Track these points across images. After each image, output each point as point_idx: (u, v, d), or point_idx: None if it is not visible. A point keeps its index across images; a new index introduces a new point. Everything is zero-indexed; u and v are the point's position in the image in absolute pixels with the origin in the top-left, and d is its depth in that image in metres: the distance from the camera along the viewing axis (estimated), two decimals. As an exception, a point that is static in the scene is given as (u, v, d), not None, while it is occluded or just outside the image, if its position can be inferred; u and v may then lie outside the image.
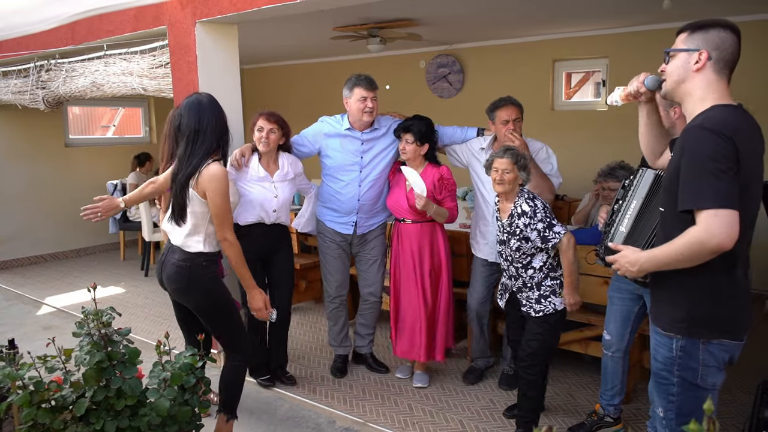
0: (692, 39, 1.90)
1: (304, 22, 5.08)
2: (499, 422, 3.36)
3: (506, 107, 3.45)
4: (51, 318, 5.42)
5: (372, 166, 3.69)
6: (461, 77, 6.98)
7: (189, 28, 3.87)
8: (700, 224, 1.75)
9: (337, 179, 3.71)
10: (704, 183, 1.75)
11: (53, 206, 7.45)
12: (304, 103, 8.23)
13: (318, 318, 5.06)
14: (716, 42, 1.87)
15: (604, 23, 5.67)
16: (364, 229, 3.79)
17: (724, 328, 1.88)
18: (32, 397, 2.15)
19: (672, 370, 1.93)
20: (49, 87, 5.14)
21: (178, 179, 2.76)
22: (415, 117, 3.60)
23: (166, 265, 2.86)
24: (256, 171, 3.53)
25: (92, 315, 2.23)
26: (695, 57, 1.87)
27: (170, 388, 2.24)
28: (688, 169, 1.79)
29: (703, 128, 1.79)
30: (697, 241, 1.75)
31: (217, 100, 2.85)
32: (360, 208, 3.72)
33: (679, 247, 1.80)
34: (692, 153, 1.79)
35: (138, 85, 4.28)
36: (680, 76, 1.91)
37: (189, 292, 2.86)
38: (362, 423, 3.39)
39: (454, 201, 3.59)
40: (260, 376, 3.83)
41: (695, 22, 1.91)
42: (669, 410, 1.97)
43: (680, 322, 1.90)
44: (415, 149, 3.53)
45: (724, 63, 1.88)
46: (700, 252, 1.76)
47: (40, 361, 2.23)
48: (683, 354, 1.90)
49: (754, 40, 5.19)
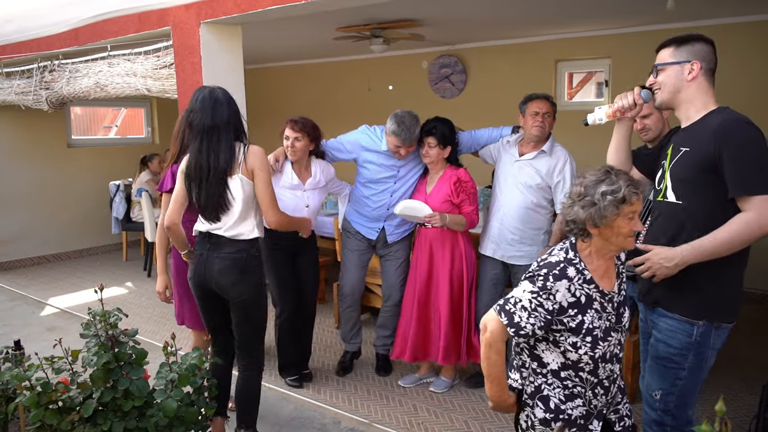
0: (680, 52, 2.08)
1: (308, 22, 5.09)
2: (504, 422, 3.37)
3: (539, 100, 3.41)
4: (55, 319, 5.43)
5: (406, 179, 3.69)
6: (464, 77, 6.98)
7: (193, 28, 3.88)
8: (753, 209, 1.89)
9: (370, 187, 3.71)
10: (755, 171, 1.91)
11: (56, 207, 7.46)
12: (308, 104, 8.23)
13: (322, 318, 5.06)
14: (702, 54, 2.06)
15: (606, 23, 5.66)
16: (395, 236, 3.79)
17: (733, 313, 2.06)
18: (40, 398, 2.15)
19: (688, 355, 2.03)
20: (52, 88, 5.14)
21: (210, 172, 2.66)
22: (437, 119, 3.52)
23: (213, 262, 2.76)
24: (290, 178, 3.53)
25: (99, 316, 2.24)
26: (688, 68, 2.06)
27: (177, 389, 2.24)
28: (736, 159, 1.92)
29: (740, 121, 1.96)
30: (756, 224, 1.89)
31: (229, 93, 2.78)
32: (388, 216, 3.73)
33: (733, 233, 1.91)
34: (739, 144, 1.93)
35: (142, 86, 4.28)
36: (675, 86, 2.09)
37: (243, 284, 2.78)
38: (367, 423, 3.39)
39: (473, 205, 3.49)
40: (289, 375, 3.84)
41: (677, 38, 2.10)
42: (671, 393, 2.07)
43: (703, 306, 2.02)
44: (439, 152, 3.47)
45: (711, 72, 2.09)
46: (755, 236, 1.91)
47: (47, 363, 2.23)
48: (701, 339, 2.02)
49: (755, 40, 5.20)
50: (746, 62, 5.23)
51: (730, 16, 5.21)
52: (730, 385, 3.73)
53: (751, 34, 5.23)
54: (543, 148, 3.41)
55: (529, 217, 3.43)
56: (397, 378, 3.93)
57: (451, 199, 3.48)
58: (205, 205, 2.73)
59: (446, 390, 3.74)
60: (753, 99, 5.16)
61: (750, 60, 5.23)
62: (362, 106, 7.83)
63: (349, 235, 3.87)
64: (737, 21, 5.24)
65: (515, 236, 3.46)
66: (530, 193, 3.40)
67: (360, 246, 3.84)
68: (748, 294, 5.26)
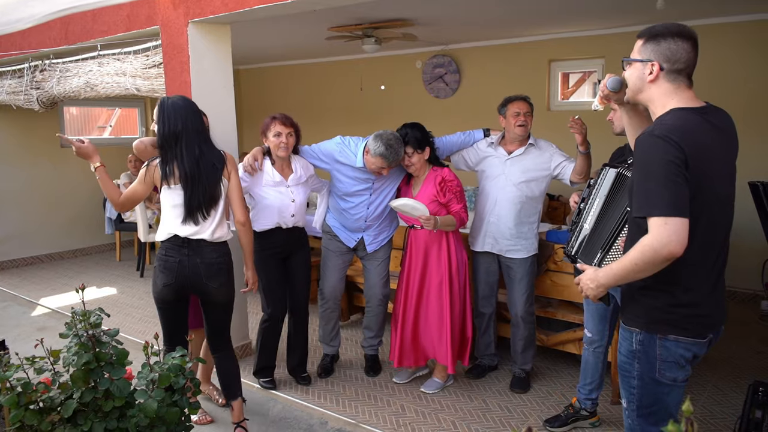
0: (645, 49, 1.91)
1: (299, 22, 5.08)
2: (492, 423, 3.36)
3: (518, 101, 3.57)
4: (46, 319, 5.42)
5: (381, 189, 3.67)
6: (457, 77, 6.97)
7: (181, 28, 3.87)
8: (651, 233, 1.76)
9: (346, 200, 3.69)
10: (652, 191, 1.76)
11: (49, 207, 7.44)
12: (301, 104, 8.23)
13: (312, 319, 5.04)
14: (667, 54, 1.87)
15: (600, 23, 5.66)
16: (374, 246, 3.78)
17: (682, 326, 1.89)
18: (20, 398, 2.14)
19: (633, 363, 1.96)
20: (43, 87, 5.13)
21: (205, 174, 2.84)
22: (405, 126, 3.54)
23: (197, 266, 2.89)
24: (271, 176, 3.50)
25: (80, 316, 2.23)
26: (648, 68, 1.89)
27: (158, 389, 2.23)
28: (638, 177, 1.82)
29: (652, 135, 1.80)
30: (650, 249, 1.75)
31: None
32: (367, 227, 3.73)
33: (633, 257, 1.80)
34: (641, 160, 1.81)
35: (131, 86, 4.27)
36: (636, 86, 1.95)
37: (227, 286, 3.01)
38: (354, 424, 3.38)
39: (461, 202, 3.51)
40: (264, 377, 3.82)
41: (649, 30, 1.92)
42: (631, 401, 2.01)
43: (639, 316, 1.94)
44: (420, 157, 3.49)
45: (677, 72, 1.88)
46: (654, 260, 1.76)
47: (27, 363, 2.22)
48: (641, 348, 1.94)
49: (753, 39, 5.20)
50: (747, 61, 5.23)
51: (723, 16, 5.21)
52: (718, 384, 3.73)
53: (742, 34, 5.23)
54: (530, 142, 3.59)
55: (524, 210, 3.57)
56: (386, 378, 3.92)
57: (438, 199, 3.47)
58: (195, 207, 2.82)
59: (437, 391, 3.74)
60: (754, 98, 5.18)
61: (750, 60, 5.23)
62: (354, 107, 7.83)
63: (330, 237, 3.86)
64: (731, 21, 5.24)
65: (513, 231, 3.57)
66: (524, 188, 3.55)
67: (341, 248, 3.83)
68: (737, 294, 5.29)
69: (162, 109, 2.84)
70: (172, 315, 3.03)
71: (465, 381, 3.86)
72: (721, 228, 1.92)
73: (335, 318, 3.98)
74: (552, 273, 3.87)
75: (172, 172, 2.82)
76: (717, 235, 1.90)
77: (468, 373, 3.90)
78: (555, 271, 3.85)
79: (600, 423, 3.32)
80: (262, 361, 3.79)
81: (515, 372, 3.78)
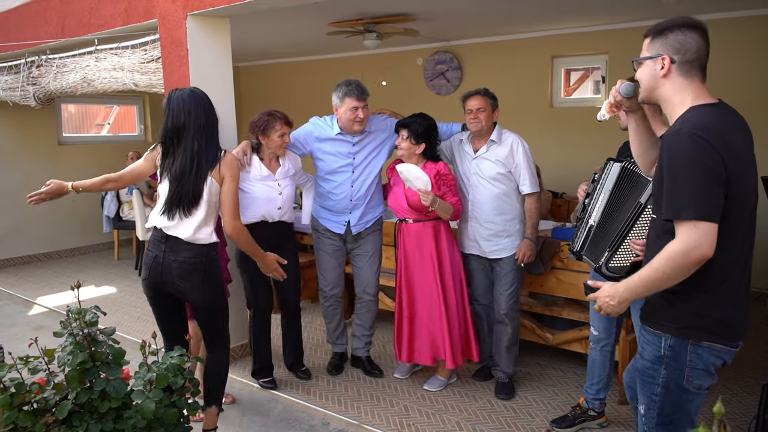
0: (654, 45, 1.86)
1: (300, 16, 5.01)
2: (497, 423, 3.29)
3: (471, 97, 3.52)
4: (43, 318, 5.35)
5: (364, 166, 3.65)
6: (459, 74, 6.90)
7: (180, 21, 3.79)
8: (679, 237, 1.69)
9: (329, 180, 3.68)
10: (683, 192, 1.68)
11: (46, 205, 7.20)
12: (302, 101, 8.15)
13: (313, 318, 4.98)
14: (676, 46, 1.82)
15: (603, 19, 5.59)
16: (359, 227, 3.74)
17: (717, 332, 1.81)
18: (13, 399, 2.07)
19: (659, 369, 1.87)
20: (39, 83, 5.06)
21: (194, 171, 2.74)
22: (419, 115, 3.53)
23: (170, 264, 2.79)
24: (259, 170, 3.48)
25: (75, 314, 2.16)
26: (659, 63, 1.83)
27: (156, 389, 2.16)
28: (667, 178, 1.73)
29: (680, 133, 1.72)
30: (679, 254, 1.68)
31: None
32: (353, 207, 3.69)
33: (660, 266, 1.72)
34: (671, 160, 1.73)
35: (129, 81, 4.19)
36: (649, 84, 1.88)
37: (203, 288, 2.83)
38: (357, 425, 3.31)
39: (456, 195, 3.50)
40: (263, 377, 3.77)
41: (656, 26, 1.87)
42: (651, 408, 1.91)
43: (670, 321, 1.84)
44: (410, 147, 3.47)
45: (690, 65, 1.82)
46: (684, 265, 1.69)
47: (21, 362, 2.15)
48: (671, 354, 1.84)
49: (755, 35, 5.13)
50: (747, 58, 5.16)
51: (730, 11, 5.14)
52: (729, 384, 3.66)
53: (751, 30, 5.16)
54: (491, 137, 3.50)
55: (500, 207, 3.48)
56: (389, 379, 3.86)
57: (433, 192, 3.43)
58: (174, 201, 2.75)
59: (441, 389, 3.67)
60: (754, 95, 5.11)
61: (751, 55, 5.16)
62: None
63: (320, 235, 3.82)
64: (737, 16, 5.17)
65: (491, 231, 3.50)
66: (496, 184, 3.47)
67: (333, 245, 3.79)
68: (746, 292, 5.22)
69: (168, 102, 2.80)
70: (158, 311, 2.97)
71: (470, 381, 3.80)
72: (751, 229, 1.85)
73: (339, 315, 3.94)
74: (557, 270, 3.80)
75: (170, 165, 2.78)
76: (748, 236, 1.83)
77: (475, 376, 3.83)
78: (560, 268, 3.78)
79: (608, 423, 3.26)
80: (259, 361, 3.76)
81: (498, 377, 3.66)
